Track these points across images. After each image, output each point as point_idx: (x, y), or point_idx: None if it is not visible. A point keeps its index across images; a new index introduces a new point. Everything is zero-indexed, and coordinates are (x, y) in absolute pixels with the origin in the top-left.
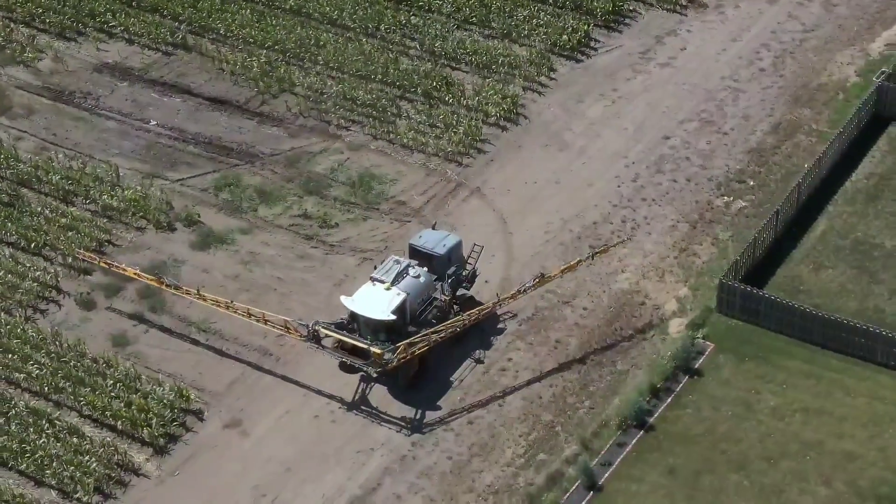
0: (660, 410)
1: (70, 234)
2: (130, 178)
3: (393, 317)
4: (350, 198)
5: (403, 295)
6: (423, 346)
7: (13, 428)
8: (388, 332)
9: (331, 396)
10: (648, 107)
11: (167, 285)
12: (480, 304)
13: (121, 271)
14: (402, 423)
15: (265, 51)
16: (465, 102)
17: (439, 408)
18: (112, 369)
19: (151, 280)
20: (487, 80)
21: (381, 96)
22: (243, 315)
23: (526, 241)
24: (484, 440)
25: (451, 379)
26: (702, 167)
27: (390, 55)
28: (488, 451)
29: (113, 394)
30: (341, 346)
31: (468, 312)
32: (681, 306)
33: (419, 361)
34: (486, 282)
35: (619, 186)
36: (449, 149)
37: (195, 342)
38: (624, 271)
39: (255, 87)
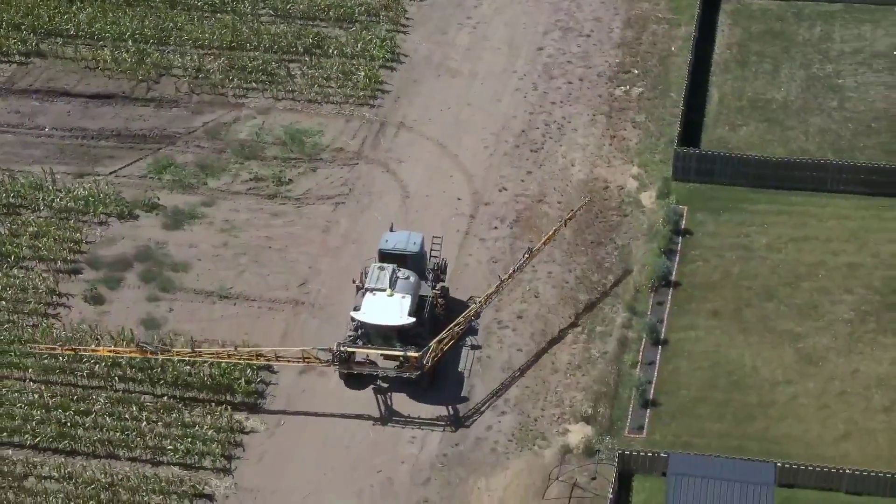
0: (675, 268)
1: (44, 240)
2: (61, 181)
3: (412, 319)
4: (288, 154)
5: (408, 297)
6: (449, 341)
7: (108, 420)
8: (400, 336)
9: (358, 416)
10: (508, 26)
11: (152, 353)
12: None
13: (95, 353)
14: (443, 423)
15: (129, 42)
16: (347, 52)
17: (466, 398)
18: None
19: (134, 353)
20: (352, 29)
21: (267, 61)
22: (253, 359)
23: (472, 158)
24: (541, 329)
25: (458, 370)
26: (586, 67)
27: (253, 25)
28: (550, 338)
29: (186, 367)
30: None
31: (479, 299)
32: (640, 182)
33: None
34: (459, 199)
35: (525, 97)
36: (354, 94)
37: (224, 308)
38: (574, 165)
39: (134, 76)
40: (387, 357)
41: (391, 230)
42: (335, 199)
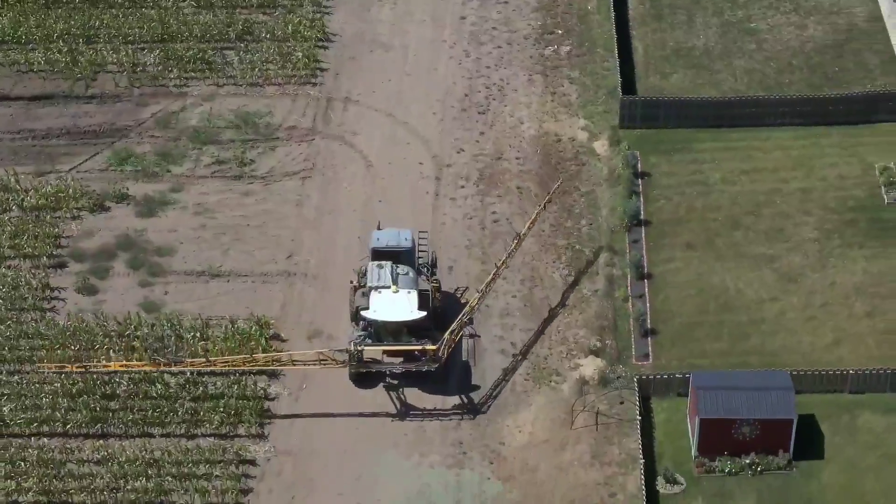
0: (641, 208)
1: (24, 238)
2: (24, 181)
3: (423, 313)
4: (244, 136)
5: (414, 292)
6: (459, 331)
7: (136, 400)
8: (410, 331)
9: (373, 414)
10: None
11: (165, 364)
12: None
13: (106, 368)
14: (460, 411)
15: (59, 42)
16: (279, 35)
17: (477, 387)
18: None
19: (147, 366)
20: (275, 14)
21: (202, 50)
22: (269, 365)
23: (424, 124)
24: (529, 276)
25: (463, 360)
26: (510, 31)
27: (179, 16)
28: (540, 283)
29: (203, 342)
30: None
31: (481, 287)
32: (590, 133)
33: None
34: (420, 163)
35: (460, 64)
36: (295, 74)
37: (219, 285)
38: (523, 122)
39: (70, 76)
40: (392, 354)
41: (378, 228)
42: (300, 174)
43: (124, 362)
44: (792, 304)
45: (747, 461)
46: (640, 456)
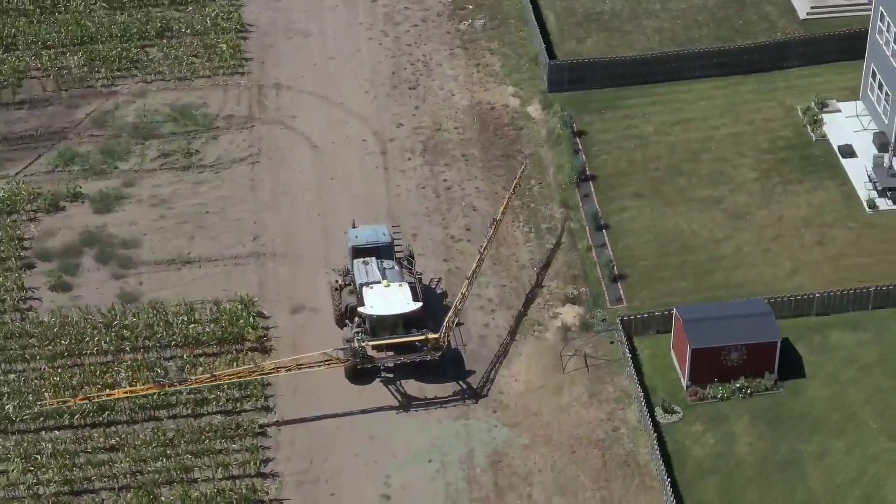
0: (584, 164)
1: None
2: None
3: (419, 304)
4: (184, 128)
5: (405, 284)
6: (454, 319)
7: (138, 386)
8: (406, 323)
9: (378, 409)
10: None
11: (170, 385)
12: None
13: (111, 397)
14: (459, 397)
15: None
16: (198, 29)
17: (472, 371)
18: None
19: (151, 389)
20: (188, 10)
21: (125, 49)
22: (276, 373)
23: (359, 104)
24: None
25: (454, 348)
26: (423, 10)
27: (94, 18)
28: (504, 242)
29: (192, 325)
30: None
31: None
32: (521, 99)
33: None
34: (364, 140)
35: (380, 44)
36: (221, 66)
37: (191, 271)
38: (454, 94)
39: None
40: (381, 348)
41: (353, 226)
42: (248, 159)
43: (128, 388)
44: (746, 239)
45: (737, 385)
46: (639, 389)
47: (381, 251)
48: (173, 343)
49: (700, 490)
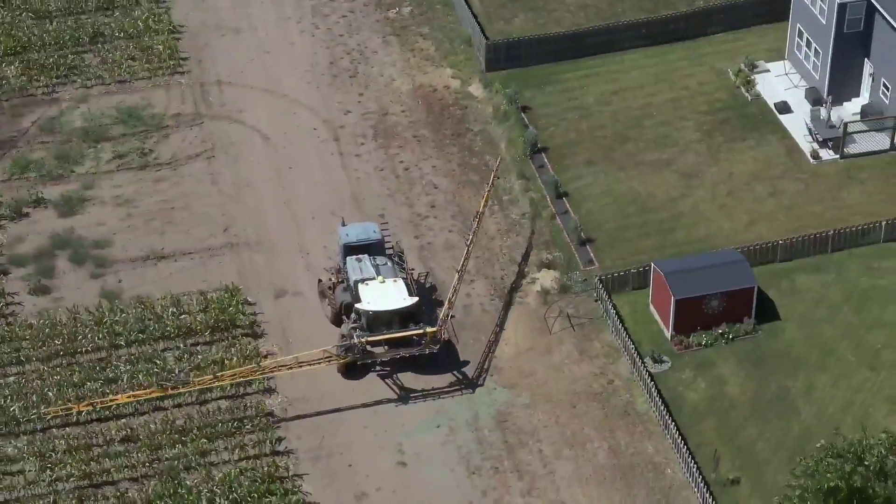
0: (536, 136)
1: None
2: None
3: (415, 299)
4: (133, 129)
5: (399, 280)
6: (448, 312)
7: (140, 378)
8: (403, 318)
9: (377, 402)
10: None
11: (173, 388)
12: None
13: (114, 402)
14: (457, 387)
15: None
16: (131, 32)
17: (467, 362)
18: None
19: (154, 393)
20: (115, 15)
21: (61, 56)
22: (277, 371)
23: (303, 94)
24: (457, 211)
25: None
26: (349, 0)
27: (24, 27)
28: (469, 215)
29: (183, 316)
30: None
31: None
32: (461, 80)
33: None
34: (314, 129)
35: (313, 36)
36: (160, 66)
37: (168, 266)
38: (395, 79)
39: None
40: (379, 343)
41: (343, 224)
42: (203, 155)
43: (131, 393)
44: (701, 196)
45: (719, 332)
46: (630, 342)
47: (372, 248)
48: (167, 335)
49: (700, 431)
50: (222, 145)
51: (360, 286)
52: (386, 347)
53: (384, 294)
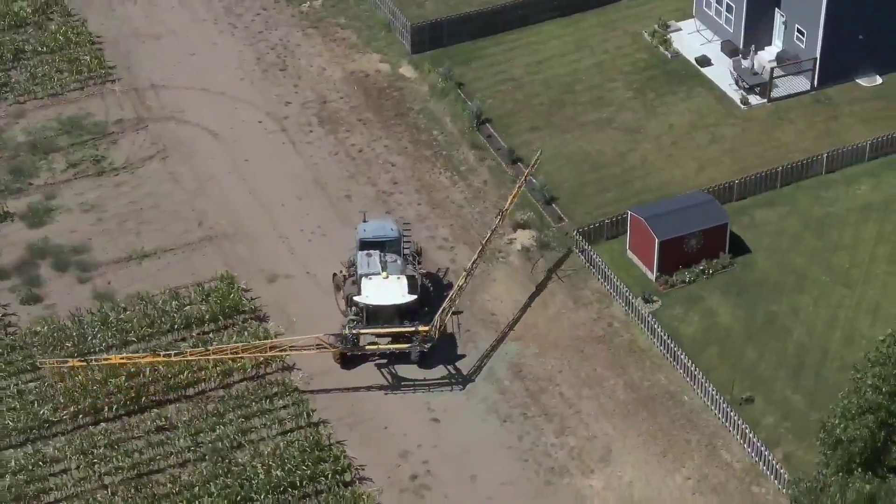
0: (479, 108)
1: None
2: None
3: (413, 297)
4: (80, 139)
5: (403, 278)
6: (448, 311)
7: (161, 370)
8: (402, 314)
9: (368, 387)
10: None
11: (166, 356)
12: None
13: (108, 361)
14: (450, 381)
15: None
16: (52, 47)
17: (463, 355)
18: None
19: (148, 358)
20: (29, 31)
21: None
22: (267, 352)
23: (239, 90)
24: (420, 186)
25: (450, 334)
26: None
27: None
28: (433, 188)
29: (186, 307)
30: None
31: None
32: (390, 64)
33: None
34: (260, 121)
35: (233, 35)
36: (91, 76)
37: (153, 263)
38: (325, 69)
39: None
40: (384, 336)
41: (364, 220)
42: (157, 156)
43: (125, 356)
44: (648, 149)
45: (700, 268)
46: (622, 285)
47: (387, 245)
48: (175, 327)
49: (704, 360)
50: (173, 145)
51: (364, 280)
52: (377, 341)
53: (384, 289)
